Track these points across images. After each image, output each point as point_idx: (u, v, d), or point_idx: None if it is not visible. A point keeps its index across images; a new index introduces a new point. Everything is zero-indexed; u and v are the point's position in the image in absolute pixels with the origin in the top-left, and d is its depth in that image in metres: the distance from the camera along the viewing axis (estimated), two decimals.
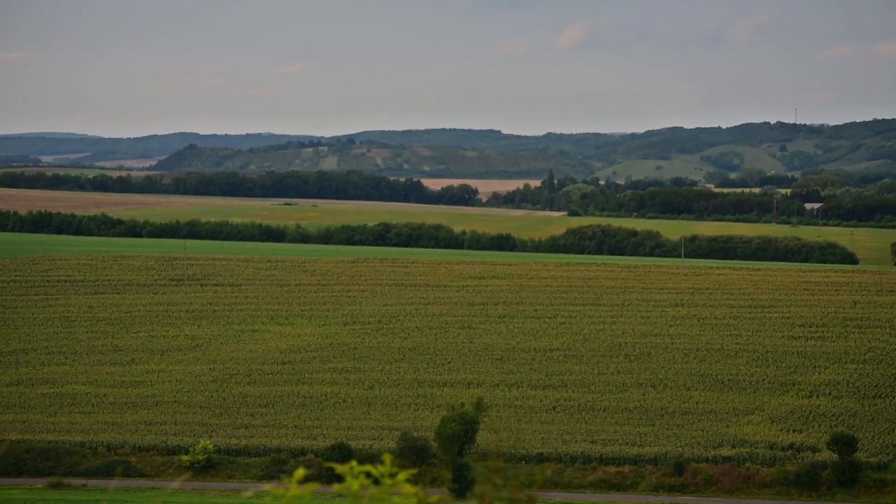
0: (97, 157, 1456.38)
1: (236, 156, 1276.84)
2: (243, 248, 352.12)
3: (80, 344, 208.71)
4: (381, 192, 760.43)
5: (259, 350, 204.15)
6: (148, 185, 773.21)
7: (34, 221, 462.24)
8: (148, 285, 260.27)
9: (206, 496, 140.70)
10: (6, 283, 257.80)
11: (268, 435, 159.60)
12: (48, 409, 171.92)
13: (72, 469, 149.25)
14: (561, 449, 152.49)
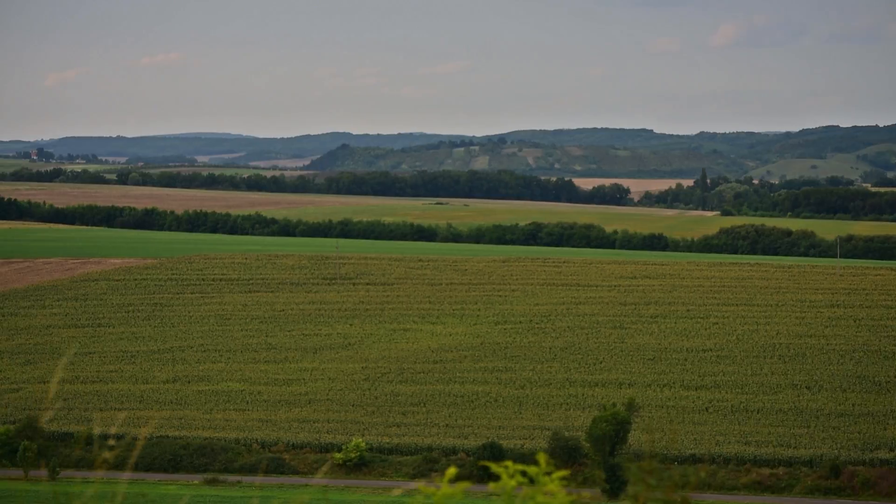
0: (252, 157, 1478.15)
1: (388, 155, 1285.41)
2: (395, 247, 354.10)
3: (234, 342, 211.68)
4: (532, 192, 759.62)
5: (410, 349, 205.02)
6: (301, 185, 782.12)
7: (190, 221, 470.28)
8: (301, 284, 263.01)
9: (356, 494, 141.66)
10: (163, 282, 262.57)
11: (419, 434, 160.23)
12: (204, 406, 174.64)
13: (227, 466, 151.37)
14: (714, 450, 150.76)
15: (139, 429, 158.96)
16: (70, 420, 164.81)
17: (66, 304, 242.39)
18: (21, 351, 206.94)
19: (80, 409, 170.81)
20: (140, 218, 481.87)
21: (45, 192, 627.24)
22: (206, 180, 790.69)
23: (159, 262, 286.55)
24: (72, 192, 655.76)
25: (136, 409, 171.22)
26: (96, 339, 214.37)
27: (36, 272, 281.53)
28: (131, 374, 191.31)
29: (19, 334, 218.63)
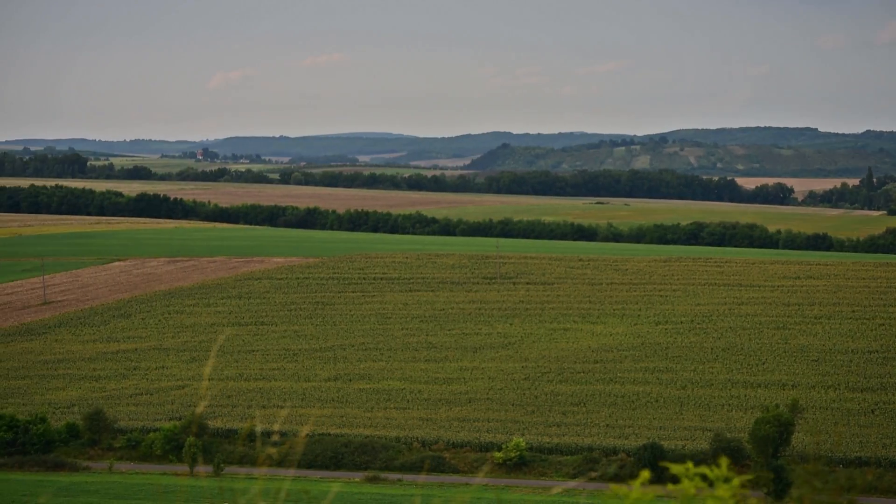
0: (413, 157, 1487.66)
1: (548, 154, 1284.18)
2: (555, 246, 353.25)
3: (395, 340, 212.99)
4: (693, 191, 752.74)
5: (571, 348, 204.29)
6: (461, 184, 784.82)
7: (352, 220, 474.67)
8: (461, 283, 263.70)
9: (516, 493, 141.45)
10: (325, 280, 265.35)
11: (579, 433, 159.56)
12: (365, 404, 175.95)
13: (387, 464, 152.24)
14: (880, 453, 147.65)
15: (301, 426, 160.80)
16: (234, 417, 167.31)
17: (230, 302, 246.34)
18: (186, 348, 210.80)
19: (243, 407, 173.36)
20: (302, 217, 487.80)
21: (209, 191, 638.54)
22: (367, 180, 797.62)
23: (321, 261, 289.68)
24: (236, 191, 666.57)
25: (298, 406, 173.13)
26: (259, 336, 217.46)
27: (201, 271, 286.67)
28: (293, 371, 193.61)
29: (184, 332, 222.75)
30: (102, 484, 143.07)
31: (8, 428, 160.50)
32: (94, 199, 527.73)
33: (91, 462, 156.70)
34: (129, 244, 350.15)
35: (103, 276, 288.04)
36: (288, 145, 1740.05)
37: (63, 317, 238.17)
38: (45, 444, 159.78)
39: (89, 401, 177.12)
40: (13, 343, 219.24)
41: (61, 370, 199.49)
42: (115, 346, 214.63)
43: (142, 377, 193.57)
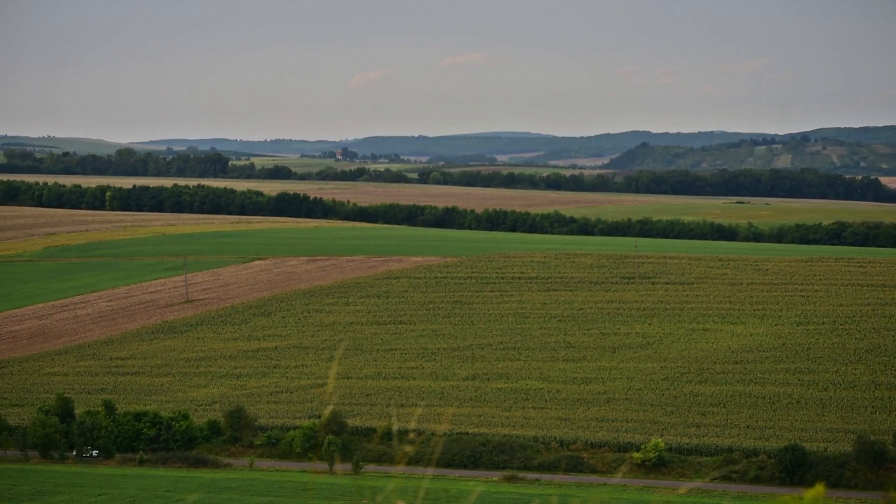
0: (551, 156, 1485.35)
1: (688, 154, 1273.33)
2: (694, 246, 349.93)
3: (533, 340, 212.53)
4: (835, 191, 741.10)
5: (710, 349, 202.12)
6: (600, 184, 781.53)
7: (490, 219, 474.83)
8: (599, 283, 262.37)
9: (654, 494, 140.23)
10: (463, 280, 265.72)
11: (719, 434, 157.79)
12: (503, 403, 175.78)
13: (525, 463, 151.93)
14: None
15: (439, 425, 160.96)
16: (372, 416, 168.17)
17: (369, 300, 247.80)
18: (326, 347, 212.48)
19: (382, 405, 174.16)
20: (440, 216, 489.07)
21: (349, 191, 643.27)
22: (505, 179, 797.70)
23: (459, 261, 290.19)
24: (374, 191, 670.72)
25: (436, 405, 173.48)
26: (398, 335, 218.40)
27: (340, 269, 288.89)
28: (431, 370, 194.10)
29: (324, 330, 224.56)
30: (243, 481, 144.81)
31: (152, 424, 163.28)
32: (235, 198, 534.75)
33: (232, 459, 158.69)
34: (270, 243, 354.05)
35: (244, 274, 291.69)
36: (426, 145, 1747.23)
37: (205, 315, 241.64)
38: (187, 441, 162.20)
39: (230, 398, 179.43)
40: (157, 340, 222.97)
41: (203, 368, 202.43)
42: (255, 344, 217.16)
43: (282, 375, 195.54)
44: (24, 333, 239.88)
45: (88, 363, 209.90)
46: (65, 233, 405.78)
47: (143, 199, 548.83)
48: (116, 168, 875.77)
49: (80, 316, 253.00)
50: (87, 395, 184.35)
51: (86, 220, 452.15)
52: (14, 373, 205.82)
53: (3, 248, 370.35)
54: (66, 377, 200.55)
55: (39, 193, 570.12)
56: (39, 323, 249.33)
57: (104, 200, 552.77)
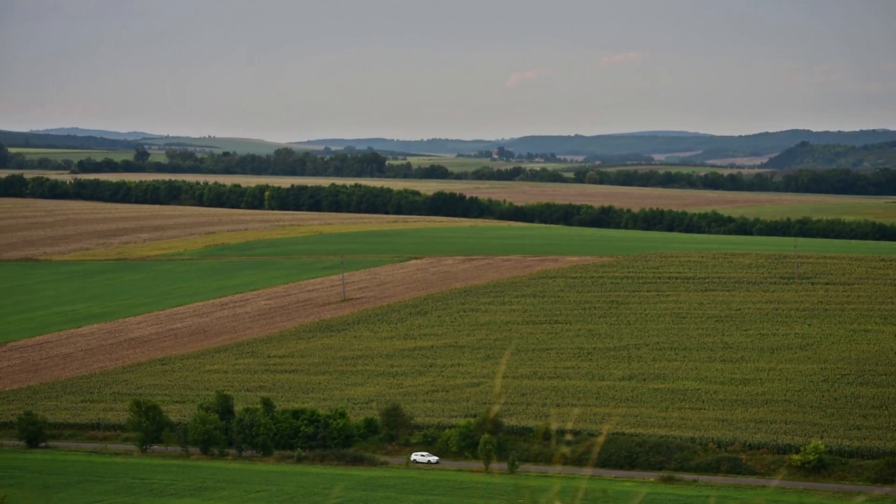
0: (708, 155, 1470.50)
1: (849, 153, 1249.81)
2: (855, 246, 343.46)
3: (690, 340, 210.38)
4: None
5: (872, 350, 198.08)
6: (758, 183, 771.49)
7: (646, 219, 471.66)
8: (758, 283, 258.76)
9: (814, 497, 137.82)
10: (619, 280, 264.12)
11: (881, 437, 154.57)
12: (659, 404, 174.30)
13: (682, 464, 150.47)
14: None
15: (596, 425, 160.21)
16: (528, 415, 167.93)
17: (525, 300, 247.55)
18: (481, 346, 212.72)
19: (537, 405, 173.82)
20: (596, 216, 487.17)
21: (504, 190, 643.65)
22: (662, 178, 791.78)
23: (615, 260, 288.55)
24: (530, 190, 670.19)
25: (592, 405, 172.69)
26: (553, 335, 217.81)
27: (496, 269, 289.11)
28: (587, 370, 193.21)
29: (480, 329, 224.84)
30: (399, 479, 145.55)
31: (309, 422, 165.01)
32: (391, 197, 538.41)
33: (388, 457, 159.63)
34: (426, 242, 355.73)
35: (400, 273, 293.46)
36: (582, 144, 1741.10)
37: (362, 314, 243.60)
38: (344, 439, 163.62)
39: (386, 397, 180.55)
40: (314, 339, 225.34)
41: (360, 366, 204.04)
42: (411, 342, 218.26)
43: (437, 374, 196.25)
44: (185, 331, 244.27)
45: (247, 361, 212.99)
46: (224, 232, 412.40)
47: (301, 199, 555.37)
48: (275, 168, 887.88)
49: (239, 314, 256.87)
50: (245, 393, 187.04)
51: (245, 220, 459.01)
52: (175, 370, 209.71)
53: (165, 246, 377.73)
54: (226, 374, 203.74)
55: (200, 193, 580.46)
56: (200, 321, 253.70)
57: (263, 200, 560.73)
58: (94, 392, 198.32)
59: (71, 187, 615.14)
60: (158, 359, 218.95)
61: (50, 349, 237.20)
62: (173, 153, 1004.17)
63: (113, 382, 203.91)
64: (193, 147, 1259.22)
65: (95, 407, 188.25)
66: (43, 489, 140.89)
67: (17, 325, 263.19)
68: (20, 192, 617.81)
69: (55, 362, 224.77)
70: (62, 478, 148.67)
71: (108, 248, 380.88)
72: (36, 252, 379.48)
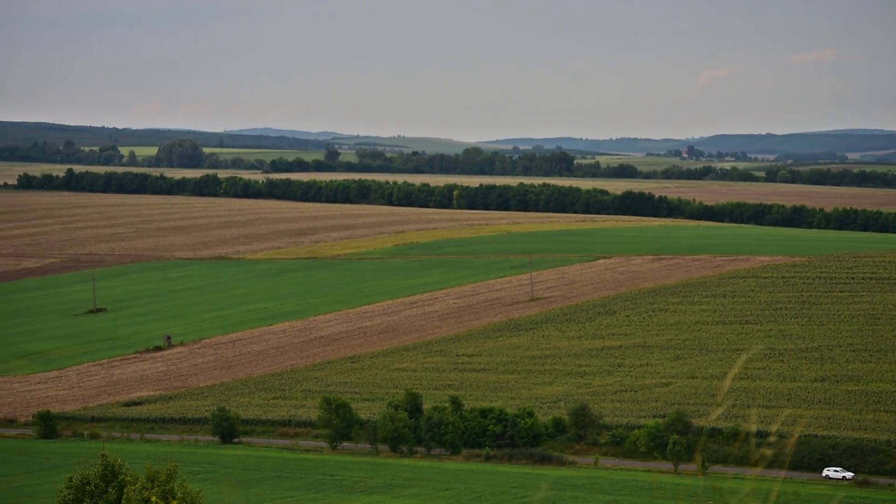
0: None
1: None
2: None
3: (885, 342, 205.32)
4: None
5: None
6: None
7: (839, 218, 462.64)
8: None
9: None
10: (811, 280, 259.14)
11: None
12: (853, 406, 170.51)
13: (877, 468, 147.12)
14: None
15: (786, 427, 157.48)
16: (719, 416, 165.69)
17: (714, 300, 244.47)
18: (670, 346, 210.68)
19: (727, 406, 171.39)
20: (788, 215, 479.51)
21: (694, 189, 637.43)
22: (855, 177, 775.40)
23: (807, 260, 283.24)
24: (720, 189, 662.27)
25: (783, 406, 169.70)
26: (743, 335, 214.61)
27: (685, 268, 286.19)
28: (779, 371, 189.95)
29: (668, 329, 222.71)
30: (588, 479, 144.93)
31: (497, 421, 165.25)
32: (579, 197, 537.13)
33: (577, 457, 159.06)
34: (614, 242, 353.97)
35: (589, 273, 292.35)
36: (774, 143, 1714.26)
37: (549, 313, 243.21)
38: (532, 438, 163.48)
39: (574, 396, 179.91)
40: (502, 338, 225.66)
41: (547, 365, 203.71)
42: (599, 342, 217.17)
43: (626, 374, 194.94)
44: (375, 329, 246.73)
45: (436, 359, 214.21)
46: (413, 231, 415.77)
47: (490, 198, 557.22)
48: (463, 167, 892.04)
49: (427, 313, 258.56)
50: (434, 391, 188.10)
51: (434, 219, 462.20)
52: (365, 367, 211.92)
53: (355, 245, 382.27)
54: (415, 373, 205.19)
55: (389, 192, 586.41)
56: (389, 319, 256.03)
57: (452, 199, 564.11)
58: (286, 389, 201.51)
59: (263, 187, 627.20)
60: (348, 357, 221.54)
61: (243, 346, 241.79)
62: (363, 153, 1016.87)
63: (304, 380, 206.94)
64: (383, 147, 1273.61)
65: (286, 404, 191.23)
66: (237, 484, 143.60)
67: (211, 323, 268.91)
68: (214, 192, 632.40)
69: (248, 359, 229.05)
70: (255, 473, 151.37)
71: (299, 247, 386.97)
72: (229, 251, 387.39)
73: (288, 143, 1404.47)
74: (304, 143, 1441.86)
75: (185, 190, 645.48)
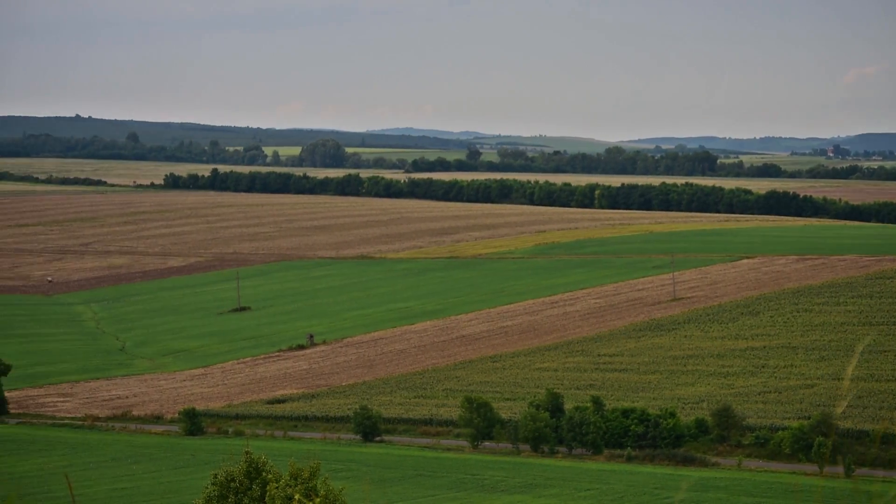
0: None
1: None
2: None
3: None
4: None
5: None
6: None
7: None
8: None
9: None
10: None
11: None
12: None
13: None
14: None
15: None
16: (864, 418, 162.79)
17: (861, 301, 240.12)
18: (815, 347, 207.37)
19: (874, 408, 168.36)
20: None
21: (839, 188, 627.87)
22: None
23: None
24: (867, 188, 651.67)
25: None
26: (892, 336, 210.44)
27: (831, 269, 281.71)
28: None
29: (814, 330, 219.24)
30: (731, 480, 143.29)
31: (639, 421, 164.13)
32: (722, 196, 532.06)
33: (720, 458, 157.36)
34: (758, 242, 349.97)
35: (732, 273, 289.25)
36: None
37: (692, 313, 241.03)
38: (674, 439, 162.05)
39: (717, 397, 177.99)
40: (644, 338, 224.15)
41: (690, 366, 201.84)
42: (742, 343, 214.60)
43: (770, 375, 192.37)
44: (516, 329, 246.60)
45: (577, 359, 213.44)
46: (555, 230, 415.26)
47: (631, 198, 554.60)
48: (605, 167, 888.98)
49: (568, 313, 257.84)
50: (575, 391, 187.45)
51: (575, 218, 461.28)
52: (506, 367, 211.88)
53: (496, 245, 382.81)
54: (556, 373, 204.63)
55: (531, 192, 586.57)
56: (530, 319, 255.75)
57: (593, 199, 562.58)
58: (427, 388, 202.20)
59: (405, 186, 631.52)
60: (489, 356, 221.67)
61: (384, 345, 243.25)
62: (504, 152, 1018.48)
63: (445, 379, 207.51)
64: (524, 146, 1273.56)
65: (428, 402, 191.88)
66: (379, 482, 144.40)
67: (353, 322, 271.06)
68: (356, 192, 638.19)
69: (389, 358, 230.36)
70: (397, 472, 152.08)
71: (441, 247, 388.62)
72: (371, 250, 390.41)
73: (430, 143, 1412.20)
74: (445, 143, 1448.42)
75: (328, 189, 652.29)
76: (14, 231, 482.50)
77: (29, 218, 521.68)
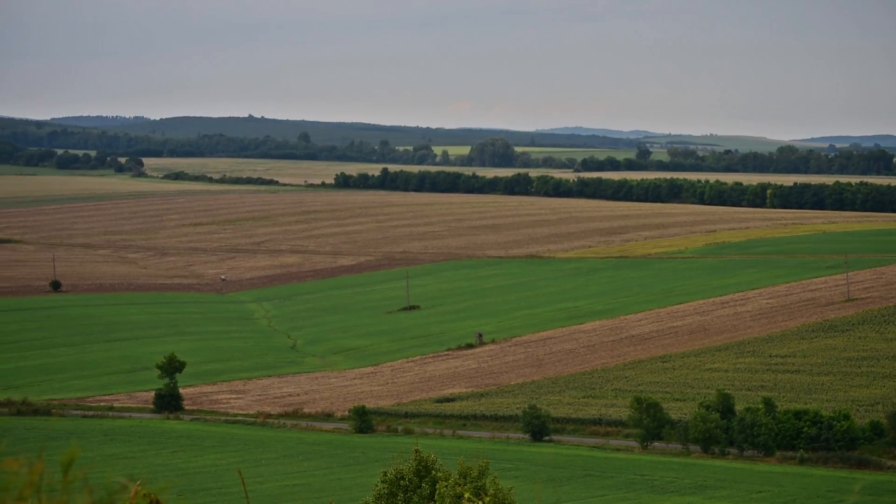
0: None
1: None
2: None
3: None
4: None
5: None
6: None
7: None
8: None
9: None
10: None
11: None
12: None
13: None
14: None
15: None
16: None
17: None
18: None
19: None
20: None
21: None
22: None
23: None
24: None
25: None
26: None
27: None
28: None
29: None
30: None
31: (812, 423, 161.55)
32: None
33: (895, 461, 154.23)
34: None
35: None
36: None
37: (866, 314, 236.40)
38: (848, 441, 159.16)
39: (893, 399, 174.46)
40: (816, 339, 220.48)
41: (864, 367, 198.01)
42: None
43: None
44: (685, 329, 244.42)
45: (748, 360, 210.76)
46: (725, 230, 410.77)
47: (804, 197, 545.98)
48: (777, 166, 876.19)
49: (739, 313, 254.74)
50: (746, 392, 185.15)
51: (746, 218, 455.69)
52: (676, 367, 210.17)
53: (666, 244, 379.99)
54: (726, 373, 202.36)
55: (701, 191, 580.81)
56: (700, 319, 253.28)
57: (765, 198, 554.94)
58: (596, 388, 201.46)
59: (574, 185, 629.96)
60: (659, 356, 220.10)
61: (553, 345, 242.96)
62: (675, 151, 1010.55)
63: (614, 379, 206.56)
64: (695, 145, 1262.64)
65: (597, 402, 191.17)
66: (548, 482, 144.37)
67: (522, 321, 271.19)
68: (525, 191, 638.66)
69: (558, 358, 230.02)
70: (566, 472, 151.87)
71: (610, 246, 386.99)
72: (540, 249, 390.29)
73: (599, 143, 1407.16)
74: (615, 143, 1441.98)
75: (497, 189, 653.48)
76: (188, 230, 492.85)
77: (203, 217, 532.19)
